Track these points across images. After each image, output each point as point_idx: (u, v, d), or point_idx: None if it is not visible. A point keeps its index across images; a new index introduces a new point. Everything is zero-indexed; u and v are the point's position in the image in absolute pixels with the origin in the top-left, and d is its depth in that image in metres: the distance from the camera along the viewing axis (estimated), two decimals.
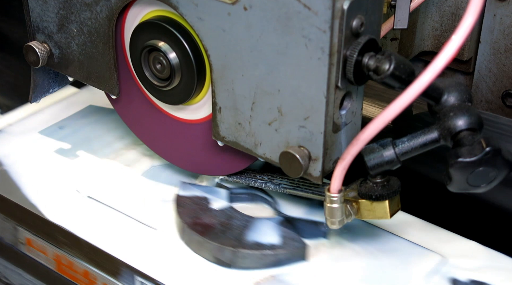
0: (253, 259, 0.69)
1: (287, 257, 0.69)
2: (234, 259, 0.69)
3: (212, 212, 0.74)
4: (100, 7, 0.72)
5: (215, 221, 0.72)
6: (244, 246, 0.69)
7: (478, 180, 0.59)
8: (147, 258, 0.72)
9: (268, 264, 0.69)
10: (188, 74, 0.69)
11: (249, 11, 0.61)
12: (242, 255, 0.69)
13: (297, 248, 0.70)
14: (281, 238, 0.70)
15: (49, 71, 0.83)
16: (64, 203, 0.78)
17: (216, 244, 0.69)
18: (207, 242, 0.70)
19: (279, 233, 0.71)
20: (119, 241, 0.74)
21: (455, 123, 0.59)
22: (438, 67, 0.56)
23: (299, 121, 0.62)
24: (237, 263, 0.69)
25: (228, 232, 0.71)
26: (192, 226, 0.71)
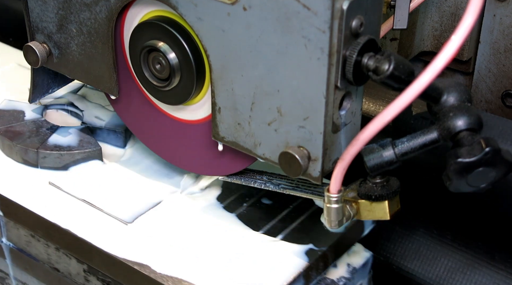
0: (52, 159, 0.81)
1: (82, 157, 0.81)
2: (37, 159, 0.81)
3: (24, 122, 0.85)
4: (100, 7, 0.72)
5: (25, 129, 0.84)
6: (45, 148, 0.81)
7: (478, 180, 0.59)
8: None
9: (67, 164, 0.81)
10: (188, 74, 0.69)
11: (248, 11, 0.61)
12: (43, 155, 0.81)
13: (91, 150, 0.81)
14: (79, 142, 0.82)
15: (49, 71, 0.83)
16: None
17: (22, 146, 0.81)
18: (14, 145, 0.82)
19: (78, 139, 0.83)
20: None
21: (454, 123, 0.59)
22: (437, 67, 0.56)
23: (299, 121, 0.62)
24: (40, 162, 0.81)
25: (34, 138, 0.83)
26: (4, 133, 0.83)
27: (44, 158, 0.81)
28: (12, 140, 0.82)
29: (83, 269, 0.76)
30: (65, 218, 0.76)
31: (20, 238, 0.81)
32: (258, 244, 0.73)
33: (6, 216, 0.81)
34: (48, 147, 0.81)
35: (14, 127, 0.84)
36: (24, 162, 0.82)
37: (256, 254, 0.72)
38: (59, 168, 0.82)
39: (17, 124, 0.85)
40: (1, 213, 0.81)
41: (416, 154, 0.62)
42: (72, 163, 0.81)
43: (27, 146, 0.81)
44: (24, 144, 0.81)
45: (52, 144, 0.82)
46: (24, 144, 0.81)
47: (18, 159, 0.82)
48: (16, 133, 0.83)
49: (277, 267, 0.70)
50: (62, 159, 0.81)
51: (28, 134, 0.83)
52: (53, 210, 0.76)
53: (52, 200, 0.78)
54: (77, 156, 0.81)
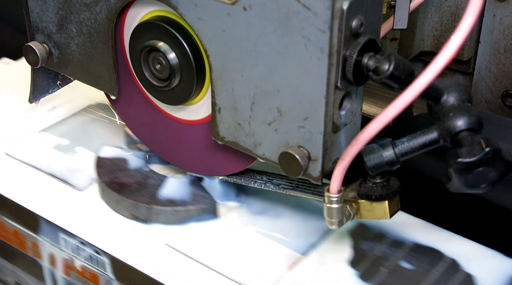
0: (166, 215, 0.73)
1: (198, 213, 0.74)
2: (148, 215, 0.74)
3: (129, 172, 0.78)
4: (100, 7, 0.72)
5: (131, 180, 0.77)
6: (157, 202, 0.74)
7: (478, 180, 0.59)
8: (70, 216, 0.76)
9: (181, 220, 0.74)
10: (188, 74, 0.69)
11: (248, 11, 0.61)
12: (155, 211, 0.73)
13: (207, 205, 0.74)
14: (192, 196, 0.75)
15: (49, 71, 0.83)
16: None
17: (132, 201, 0.74)
18: (123, 199, 0.74)
19: (191, 192, 0.75)
20: (43, 200, 0.78)
21: (454, 123, 0.59)
22: (437, 67, 0.56)
23: (299, 121, 0.62)
24: (151, 219, 0.74)
25: (143, 190, 0.75)
26: (110, 185, 0.76)
27: (156, 215, 0.74)
28: (119, 194, 0.75)
29: None
30: (181, 281, 0.69)
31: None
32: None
33: (119, 280, 0.73)
34: (160, 202, 0.74)
35: (120, 178, 0.77)
36: (133, 217, 0.75)
37: None
38: (172, 224, 0.74)
39: (122, 174, 0.78)
40: (112, 277, 0.74)
41: (416, 154, 0.62)
42: (186, 219, 0.74)
43: (137, 201, 0.74)
44: (133, 199, 0.74)
45: (164, 198, 0.75)
46: (133, 199, 0.74)
47: (127, 214, 0.75)
48: (123, 185, 0.76)
49: None
50: (177, 216, 0.74)
51: (136, 187, 0.76)
52: (169, 272, 0.70)
53: (167, 261, 0.71)
54: (193, 213, 0.74)
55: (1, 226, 0.81)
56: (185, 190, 0.75)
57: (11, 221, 0.80)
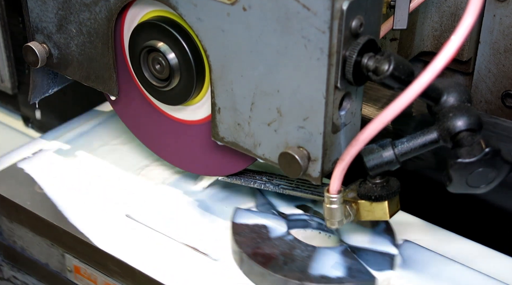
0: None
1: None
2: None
3: (272, 241, 0.70)
4: (99, 8, 0.72)
5: (276, 251, 0.69)
6: (310, 279, 0.66)
7: (478, 180, 0.59)
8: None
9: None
10: (187, 75, 0.69)
11: (248, 11, 0.61)
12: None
13: (365, 281, 0.66)
14: (348, 270, 0.67)
15: (49, 71, 0.83)
16: (114, 230, 0.74)
17: (280, 277, 0.66)
18: (270, 274, 0.66)
19: (345, 265, 0.67)
20: (175, 271, 0.70)
21: (454, 123, 0.59)
22: (437, 67, 0.56)
23: (298, 122, 0.62)
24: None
25: (291, 264, 0.67)
26: (253, 256, 0.68)
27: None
28: (265, 267, 0.67)
29: None
30: None
31: None
32: None
33: None
34: (314, 279, 0.66)
35: (263, 248, 0.69)
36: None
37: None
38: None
39: (265, 243, 0.70)
40: None
41: (416, 155, 0.62)
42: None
43: (287, 277, 0.66)
44: (282, 274, 0.66)
45: (318, 274, 0.66)
46: (282, 274, 0.66)
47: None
48: (268, 257, 0.68)
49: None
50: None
51: (282, 259, 0.68)
52: None
53: None
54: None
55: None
56: (338, 263, 0.68)
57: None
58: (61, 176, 0.81)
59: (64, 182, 0.80)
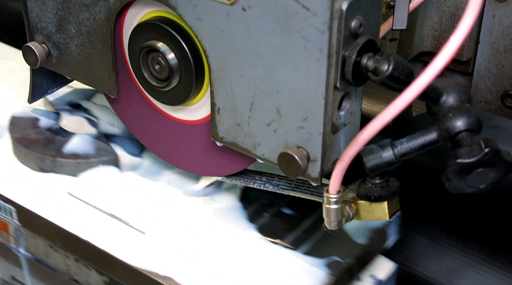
0: (69, 167, 0.80)
1: (99, 165, 0.80)
2: (53, 167, 0.80)
3: (39, 130, 0.84)
4: (99, 8, 0.72)
5: (40, 137, 0.83)
6: (62, 156, 0.80)
7: (477, 181, 0.59)
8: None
9: (83, 172, 0.80)
10: (187, 75, 0.69)
11: (247, 11, 0.61)
12: (60, 164, 0.80)
13: (108, 158, 0.80)
14: (95, 150, 0.81)
15: (48, 71, 0.83)
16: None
17: (38, 154, 0.80)
18: (30, 153, 0.80)
19: (95, 146, 0.82)
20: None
21: (454, 124, 0.59)
22: (437, 68, 0.56)
23: (298, 122, 0.62)
24: (57, 170, 0.80)
25: (50, 145, 0.81)
26: (20, 140, 0.82)
27: (61, 167, 0.80)
28: (28, 148, 0.81)
29: (103, 281, 0.75)
30: (84, 228, 0.74)
31: (38, 249, 0.80)
32: (281, 257, 0.72)
33: (24, 227, 0.79)
34: (65, 155, 0.80)
35: (30, 135, 0.83)
36: (40, 170, 0.81)
37: (280, 268, 0.71)
38: (76, 176, 0.80)
39: (33, 131, 0.84)
40: (19, 223, 0.80)
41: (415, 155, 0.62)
42: (90, 171, 0.80)
43: (43, 154, 0.80)
44: (40, 152, 0.80)
45: (69, 152, 0.81)
46: (40, 152, 0.80)
47: (35, 167, 0.81)
48: (32, 141, 0.82)
49: (301, 281, 0.69)
50: (80, 168, 0.80)
51: (44, 142, 0.82)
52: (71, 220, 0.75)
53: (71, 210, 0.77)
54: (95, 165, 0.80)
55: None
56: (89, 144, 0.82)
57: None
58: None
59: None
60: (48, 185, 0.79)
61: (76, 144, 0.82)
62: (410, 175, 0.64)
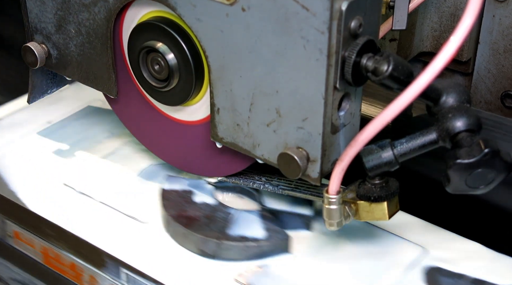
0: (236, 251, 0.70)
1: (270, 249, 0.70)
2: (218, 250, 0.71)
3: (196, 205, 0.75)
4: (98, 8, 0.72)
5: (199, 214, 0.74)
6: (228, 238, 0.70)
7: (477, 181, 0.59)
8: (133, 250, 0.72)
9: (252, 256, 0.71)
10: (186, 75, 0.69)
11: (247, 12, 0.61)
12: (225, 247, 0.70)
13: (280, 240, 0.71)
14: (264, 231, 0.72)
15: (47, 72, 0.83)
16: (51, 197, 0.79)
17: (200, 236, 0.71)
18: (191, 234, 0.71)
19: (262, 226, 0.72)
20: (105, 233, 0.75)
21: (453, 124, 0.59)
22: (436, 68, 0.56)
23: (298, 122, 0.62)
24: (221, 254, 0.71)
25: (212, 225, 0.72)
26: (177, 218, 0.73)
27: (227, 251, 0.71)
28: (187, 228, 0.72)
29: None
30: None
31: None
32: None
33: None
34: (231, 238, 0.71)
35: (187, 212, 0.74)
36: (201, 253, 0.71)
37: None
38: (242, 260, 0.71)
39: (189, 207, 0.75)
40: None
41: (415, 155, 0.62)
42: (258, 256, 0.71)
43: (206, 236, 0.71)
44: (202, 233, 0.71)
45: (236, 234, 0.71)
46: (202, 233, 0.71)
47: (194, 249, 0.72)
48: (191, 219, 0.73)
49: None
50: (248, 252, 0.70)
51: (204, 221, 0.73)
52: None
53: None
54: (265, 248, 0.71)
55: (57, 258, 0.77)
56: (256, 224, 0.72)
57: (69, 254, 0.76)
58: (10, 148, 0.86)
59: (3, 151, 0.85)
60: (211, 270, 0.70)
61: (242, 224, 0.72)
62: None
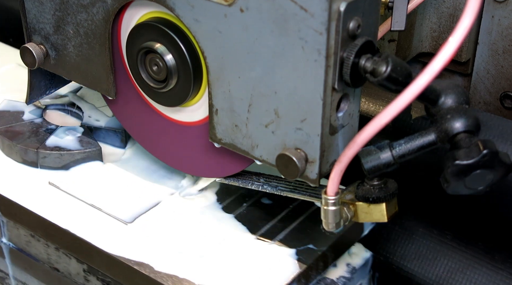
0: (52, 159, 0.81)
1: (83, 158, 0.82)
2: (37, 159, 0.81)
3: (24, 122, 0.86)
4: (97, 9, 0.71)
5: (24, 129, 0.84)
6: (45, 148, 0.81)
7: (476, 182, 0.58)
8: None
9: (67, 164, 0.81)
10: (185, 76, 0.69)
11: (245, 12, 0.61)
12: (43, 155, 0.81)
13: (92, 150, 0.82)
14: (79, 142, 0.82)
15: (46, 72, 0.82)
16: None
17: (22, 146, 0.81)
18: (14, 145, 0.82)
19: (78, 138, 0.83)
20: None
21: (452, 125, 0.59)
22: (435, 69, 0.55)
23: (296, 123, 0.62)
24: (40, 163, 0.81)
25: (34, 138, 0.83)
26: (4, 133, 0.83)
27: (44, 158, 0.81)
28: (12, 140, 0.82)
29: (83, 269, 0.76)
30: (65, 218, 0.76)
31: (20, 238, 0.81)
32: (257, 244, 0.73)
33: (5, 216, 0.81)
34: (48, 147, 0.81)
35: (14, 127, 0.85)
36: (24, 162, 0.82)
37: (255, 255, 0.72)
38: (59, 168, 0.82)
39: (17, 124, 0.85)
40: (0, 213, 0.81)
41: (414, 156, 0.62)
42: (72, 163, 0.82)
43: (27, 146, 0.81)
44: (24, 144, 0.82)
45: (52, 145, 0.82)
46: (24, 144, 0.82)
47: (18, 159, 0.83)
48: (16, 133, 0.84)
49: (276, 267, 0.70)
50: (62, 159, 0.81)
51: (28, 134, 0.83)
52: (53, 210, 0.77)
53: (52, 200, 0.78)
54: (77, 156, 0.81)
55: None
56: (72, 137, 0.83)
57: None
58: None
59: None
60: (30, 177, 0.81)
61: (59, 136, 0.83)
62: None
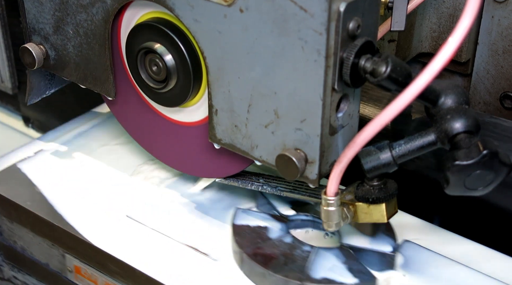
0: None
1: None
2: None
3: (272, 242, 0.70)
4: (96, 9, 0.71)
5: (277, 252, 0.68)
6: (311, 280, 0.66)
7: (475, 183, 0.58)
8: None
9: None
10: (184, 76, 0.69)
11: (245, 13, 0.61)
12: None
13: (366, 282, 0.66)
14: (349, 271, 0.67)
15: (46, 73, 0.82)
16: (113, 230, 0.74)
17: (281, 277, 0.66)
18: (270, 274, 0.66)
19: (346, 266, 0.68)
20: (175, 271, 0.70)
21: (452, 125, 0.59)
22: (434, 69, 0.55)
23: (296, 124, 0.62)
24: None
25: (291, 264, 0.67)
26: (253, 256, 0.68)
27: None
28: (265, 267, 0.67)
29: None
30: None
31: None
32: None
33: None
34: (315, 280, 0.65)
35: (263, 249, 0.69)
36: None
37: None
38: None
39: (265, 244, 0.69)
40: None
41: (413, 157, 0.62)
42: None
43: (287, 277, 0.65)
44: (283, 274, 0.66)
45: (320, 276, 0.66)
46: (283, 274, 0.66)
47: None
48: (268, 258, 0.67)
49: None
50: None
51: (283, 259, 0.67)
52: None
53: None
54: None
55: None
56: (338, 263, 0.68)
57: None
58: (60, 177, 0.81)
59: (62, 183, 0.81)
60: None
61: (322, 263, 0.67)
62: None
